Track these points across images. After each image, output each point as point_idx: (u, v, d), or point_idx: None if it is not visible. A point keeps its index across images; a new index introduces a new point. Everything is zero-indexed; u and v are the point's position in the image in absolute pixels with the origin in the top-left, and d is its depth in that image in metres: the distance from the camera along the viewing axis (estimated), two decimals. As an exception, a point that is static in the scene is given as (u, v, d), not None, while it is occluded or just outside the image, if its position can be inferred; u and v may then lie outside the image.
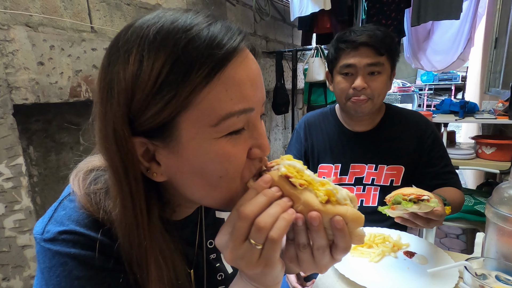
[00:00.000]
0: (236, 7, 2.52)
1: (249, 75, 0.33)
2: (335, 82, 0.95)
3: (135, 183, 0.34)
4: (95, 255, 0.35)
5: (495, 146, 1.69)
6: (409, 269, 0.68)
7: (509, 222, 0.48)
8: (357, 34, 0.88)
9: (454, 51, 3.29)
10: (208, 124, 0.32)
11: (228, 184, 0.35)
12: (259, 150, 0.36)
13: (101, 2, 1.49)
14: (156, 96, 0.31)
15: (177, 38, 0.30)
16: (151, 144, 0.34)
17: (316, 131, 1.06)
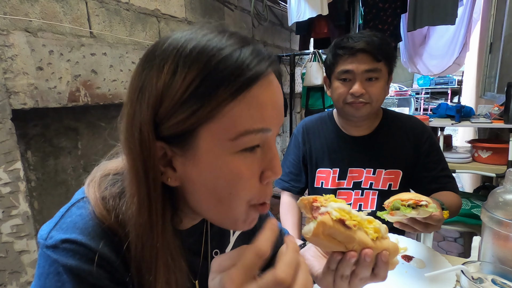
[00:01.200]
0: (234, 12, 2.54)
1: (272, 98, 0.35)
2: (333, 88, 0.95)
3: (154, 184, 0.35)
4: (92, 269, 0.35)
5: (491, 150, 1.71)
6: (407, 273, 0.69)
7: (504, 226, 0.49)
8: (355, 40, 0.88)
9: (449, 55, 3.33)
10: (226, 138, 0.33)
11: (235, 202, 0.36)
12: (271, 173, 0.36)
13: (100, 8, 1.50)
14: (183, 105, 0.33)
15: (211, 55, 0.32)
16: (170, 150, 0.35)
17: (314, 135, 1.06)
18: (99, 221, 0.37)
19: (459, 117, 1.90)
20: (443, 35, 3.29)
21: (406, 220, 0.63)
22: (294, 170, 1.09)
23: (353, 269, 0.40)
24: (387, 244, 0.40)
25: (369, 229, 0.39)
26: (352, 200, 1.00)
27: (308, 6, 2.39)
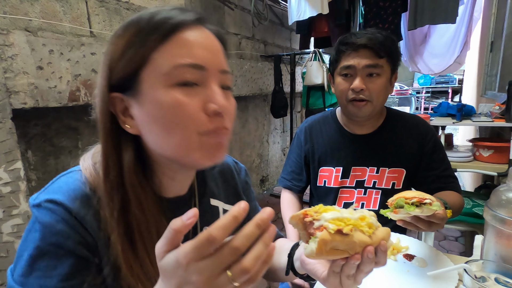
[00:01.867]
0: (234, 11, 2.54)
1: (201, 41, 0.42)
2: (336, 84, 0.95)
3: (109, 129, 0.42)
4: (63, 230, 0.39)
5: (492, 149, 1.70)
6: (409, 272, 0.69)
7: (507, 225, 0.49)
8: (358, 36, 0.89)
9: (450, 54, 3.32)
10: (161, 73, 0.40)
11: (183, 132, 0.41)
12: (213, 105, 0.41)
13: (101, 7, 1.50)
14: (124, 55, 0.41)
15: (142, 18, 0.41)
16: (125, 98, 0.42)
17: (317, 134, 1.06)
18: (85, 185, 0.42)
19: (460, 116, 1.89)
20: (443, 34, 3.28)
21: (409, 218, 0.63)
22: (296, 169, 1.09)
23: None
24: (382, 233, 0.41)
25: (364, 227, 0.39)
26: (355, 199, 0.99)
27: (309, 5, 2.39)
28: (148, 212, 0.42)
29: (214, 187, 0.59)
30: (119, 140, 0.43)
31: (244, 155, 2.96)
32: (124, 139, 0.43)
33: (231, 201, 0.60)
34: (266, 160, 3.45)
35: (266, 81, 3.10)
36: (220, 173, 0.61)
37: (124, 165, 0.42)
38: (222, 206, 0.58)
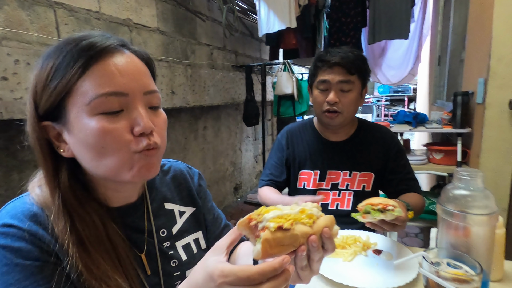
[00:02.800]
0: (206, 23, 2.58)
1: (119, 68, 0.44)
2: (313, 96, 1.06)
3: (43, 155, 0.45)
4: (22, 246, 0.41)
5: (443, 152, 1.91)
6: (378, 265, 0.77)
7: (455, 217, 0.58)
8: (332, 55, 1.00)
9: (405, 66, 3.64)
10: (84, 103, 0.42)
11: (113, 154, 0.44)
12: (138, 127, 0.44)
13: (70, 16, 1.46)
14: (47, 86, 0.42)
15: (62, 49, 0.43)
16: (57, 126, 0.45)
17: (297, 140, 1.14)
18: (33, 205, 0.44)
19: (415, 123, 2.09)
20: (398, 48, 3.61)
21: (375, 221, 0.72)
22: (275, 172, 1.15)
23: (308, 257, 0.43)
24: (324, 221, 0.42)
25: (304, 219, 0.41)
26: (330, 200, 1.09)
27: (278, 19, 2.50)
28: (91, 221, 0.45)
29: (167, 192, 0.61)
30: (53, 162, 0.46)
31: (217, 163, 2.98)
32: (58, 161, 0.46)
33: (186, 203, 0.63)
34: (239, 168, 3.48)
35: (238, 90, 3.16)
36: (172, 179, 0.64)
37: (60, 184, 0.45)
38: (178, 208, 0.61)
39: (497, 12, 1.41)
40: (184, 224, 0.61)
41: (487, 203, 0.56)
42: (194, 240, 0.62)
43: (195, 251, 0.60)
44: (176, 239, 0.58)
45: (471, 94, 1.73)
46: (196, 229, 0.63)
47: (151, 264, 0.53)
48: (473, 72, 1.75)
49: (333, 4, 2.89)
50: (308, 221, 0.41)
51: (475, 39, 1.74)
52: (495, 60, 1.43)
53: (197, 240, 0.62)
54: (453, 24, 2.52)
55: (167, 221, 0.58)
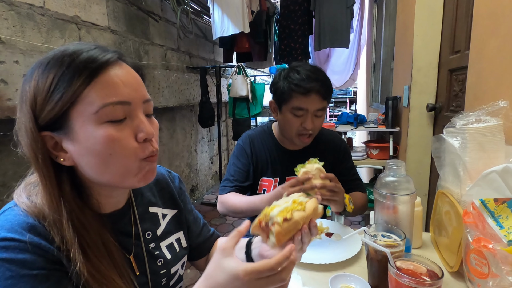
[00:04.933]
0: (159, 23, 2.54)
1: (122, 79, 0.46)
2: (286, 118, 1.07)
3: (45, 165, 0.45)
4: (26, 257, 0.41)
5: (378, 148, 2.20)
6: (330, 245, 0.91)
7: (386, 199, 0.74)
8: (308, 81, 1.00)
9: (346, 72, 4.05)
10: (91, 112, 0.44)
11: (120, 161, 0.46)
12: (142, 133, 0.47)
13: (10, 11, 1.35)
14: (51, 97, 0.43)
15: (63, 59, 0.44)
16: (57, 136, 0.45)
17: (259, 148, 1.18)
18: (28, 217, 0.44)
19: (356, 124, 2.37)
20: (341, 55, 3.99)
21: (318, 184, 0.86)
22: (240, 178, 1.16)
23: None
24: (311, 204, 0.55)
25: (297, 207, 0.54)
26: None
27: (231, 23, 2.58)
28: (91, 229, 0.47)
29: (151, 196, 0.65)
30: (55, 173, 0.46)
31: (173, 165, 2.94)
32: (59, 171, 0.47)
33: (168, 205, 0.68)
34: (195, 169, 3.48)
35: (192, 92, 3.16)
36: (155, 184, 0.67)
37: (64, 195, 0.46)
38: (161, 211, 0.65)
39: (416, 30, 1.70)
40: (167, 226, 0.65)
41: (408, 186, 0.73)
42: (176, 240, 0.66)
43: (177, 250, 0.65)
44: (160, 240, 0.63)
45: (399, 98, 2.04)
46: (177, 229, 0.68)
47: (139, 265, 0.57)
48: (399, 79, 2.06)
49: (282, 12, 3.07)
50: (302, 207, 0.53)
51: (400, 51, 2.05)
52: (416, 71, 1.73)
53: (179, 240, 0.67)
54: (385, 37, 2.89)
55: (152, 224, 0.62)
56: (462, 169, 0.76)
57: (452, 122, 0.80)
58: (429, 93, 1.72)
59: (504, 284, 0.52)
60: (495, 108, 0.74)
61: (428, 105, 1.69)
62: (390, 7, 2.68)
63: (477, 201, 0.63)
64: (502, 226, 0.57)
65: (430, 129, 1.76)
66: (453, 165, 0.80)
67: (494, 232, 0.58)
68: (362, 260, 0.83)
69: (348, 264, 0.81)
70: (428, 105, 1.68)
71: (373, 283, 0.69)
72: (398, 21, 2.11)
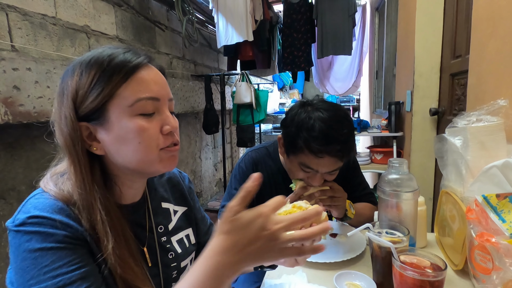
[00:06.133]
0: (165, 32, 2.61)
1: (153, 78, 0.53)
2: (292, 167, 0.93)
3: (81, 153, 0.49)
4: (56, 231, 0.45)
5: (382, 153, 2.21)
6: (335, 245, 0.91)
7: (390, 196, 0.75)
8: (324, 141, 0.82)
9: (349, 79, 4.08)
10: (126, 105, 0.49)
11: (146, 149, 0.51)
12: (168, 126, 0.53)
13: (23, 20, 1.41)
14: (91, 92, 0.49)
15: (103, 60, 0.50)
16: (92, 126, 0.50)
17: (262, 171, 1.05)
18: (57, 201, 0.48)
19: (359, 129, 2.38)
20: (343, 63, 4.03)
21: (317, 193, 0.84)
22: None
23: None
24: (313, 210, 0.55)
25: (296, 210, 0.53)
26: None
27: (235, 32, 2.64)
28: (114, 217, 0.50)
29: (164, 192, 0.68)
30: (88, 161, 0.50)
31: (178, 172, 2.96)
32: (91, 159, 0.51)
33: (179, 203, 0.71)
34: (199, 176, 3.49)
35: (197, 99, 3.21)
36: (168, 181, 0.71)
37: (95, 182, 0.50)
38: (172, 207, 0.69)
39: (417, 36, 1.73)
40: (177, 222, 0.68)
41: (411, 183, 0.74)
42: (186, 236, 0.69)
43: (187, 245, 0.68)
44: (172, 234, 0.66)
45: (401, 103, 2.06)
46: (187, 226, 0.71)
47: (152, 257, 0.59)
48: (402, 85, 2.08)
49: (285, 21, 3.14)
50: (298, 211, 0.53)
51: (402, 57, 2.08)
52: (418, 76, 1.75)
53: (188, 236, 0.70)
54: (386, 44, 2.93)
55: (164, 218, 0.65)
56: (464, 168, 0.77)
57: (454, 122, 0.82)
58: (431, 98, 1.74)
59: (508, 276, 0.52)
60: (495, 107, 0.75)
61: (430, 109, 1.70)
62: (391, 14, 2.73)
63: (479, 197, 0.64)
64: (505, 220, 0.58)
65: (433, 133, 1.77)
66: (455, 164, 0.81)
67: (497, 227, 0.59)
68: (366, 259, 0.83)
69: (353, 262, 0.82)
70: (431, 109, 1.70)
71: (378, 280, 0.70)
72: (400, 28, 2.15)
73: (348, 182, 1.08)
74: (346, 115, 0.89)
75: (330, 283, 0.71)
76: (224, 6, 2.61)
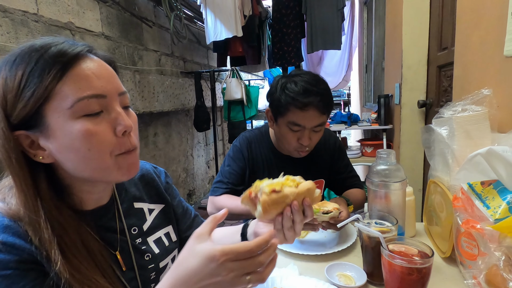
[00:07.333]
0: (152, 29, 2.57)
1: (95, 72, 0.45)
2: (282, 132, 1.01)
3: (19, 166, 0.44)
4: (1, 257, 0.41)
5: (372, 146, 2.24)
6: (326, 237, 0.92)
7: (378, 187, 0.75)
8: (306, 94, 0.93)
9: (339, 74, 4.11)
10: (65, 107, 0.42)
11: (98, 155, 0.45)
12: (120, 126, 0.46)
13: (3, 17, 1.37)
14: (21, 95, 0.41)
15: (31, 56, 0.43)
16: (32, 134, 0.44)
17: (256, 150, 1.13)
18: (3, 218, 0.44)
19: (350, 123, 2.40)
20: (333, 57, 4.05)
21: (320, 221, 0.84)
22: (234, 181, 1.11)
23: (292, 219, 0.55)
24: (306, 184, 0.54)
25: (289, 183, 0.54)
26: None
27: (224, 27, 2.62)
28: (69, 228, 0.46)
29: (136, 191, 0.64)
30: (30, 172, 0.44)
31: (170, 170, 2.94)
32: (35, 170, 0.45)
33: (155, 200, 0.67)
34: (192, 174, 3.47)
35: (187, 96, 3.18)
36: (140, 179, 0.66)
37: (41, 194, 0.44)
38: (147, 206, 0.64)
39: (404, 30, 1.75)
40: (154, 221, 0.64)
41: (398, 173, 0.75)
42: (165, 234, 0.66)
43: (167, 244, 0.64)
44: (147, 235, 0.62)
45: (390, 96, 2.08)
46: (166, 224, 0.67)
47: (125, 260, 0.55)
48: (391, 78, 2.10)
49: (275, 16, 3.12)
50: (294, 184, 0.53)
51: (391, 51, 2.10)
52: (406, 68, 1.77)
53: (168, 234, 0.66)
54: (375, 38, 2.95)
55: (138, 219, 0.61)
56: (450, 157, 0.78)
57: (440, 112, 0.83)
58: (419, 90, 1.76)
59: (492, 261, 0.53)
60: (480, 96, 0.77)
61: (419, 102, 1.72)
62: (379, 8, 2.74)
63: (465, 185, 0.65)
64: (489, 206, 0.59)
65: (421, 125, 1.79)
66: (442, 154, 0.82)
67: (482, 214, 0.60)
68: (357, 250, 0.84)
69: (343, 254, 0.83)
70: (419, 102, 1.72)
71: (368, 270, 0.71)
72: (387, 21, 2.17)
73: (335, 163, 1.17)
74: (322, 78, 1.02)
75: (321, 275, 0.71)
76: (212, 1, 2.58)
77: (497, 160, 0.61)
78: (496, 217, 0.56)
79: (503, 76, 0.80)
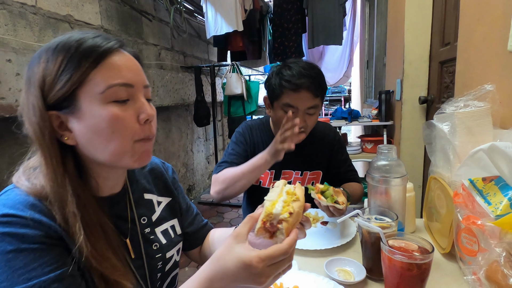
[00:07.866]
0: (152, 23, 2.54)
1: (125, 64, 0.50)
2: (277, 114, 1.06)
3: (51, 144, 0.47)
4: (28, 232, 0.43)
5: (373, 142, 2.23)
6: (326, 232, 0.92)
7: (379, 182, 0.75)
8: (298, 77, 0.98)
9: (340, 69, 4.08)
10: (97, 92, 0.47)
11: (120, 139, 0.48)
12: (144, 114, 0.50)
13: (1, 10, 1.35)
14: (59, 78, 0.46)
15: (71, 45, 0.47)
16: (63, 115, 0.48)
17: (257, 138, 1.18)
18: (29, 196, 0.46)
19: (350, 118, 2.39)
20: (334, 53, 4.02)
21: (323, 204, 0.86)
22: (238, 163, 1.10)
23: None
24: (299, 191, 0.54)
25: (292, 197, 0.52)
26: None
27: (225, 22, 2.60)
28: (90, 209, 0.48)
29: (146, 183, 0.67)
30: (59, 152, 0.48)
31: (169, 165, 2.94)
32: (63, 150, 0.48)
33: (163, 193, 0.69)
34: (191, 169, 3.47)
35: (187, 91, 3.16)
36: (150, 172, 0.69)
37: (68, 173, 0.48)
38: (156, 198, 0.67)
39: (407, 25, 1.73)
40: (161, 213, 0.67)
41: (399, 169, 0.75)
42: (171, 226, 0.68)
43: (172, 236, 0.67)
44: (156, 225, 0.64)
45: (391, 92, 2.06)
46: (172, 216, 0.70)
47: (135, 248, 0.58)
48: (392, 74, 2.09)
49: (276, 10, 3.10)
50: (295, 197, 0.53)
51: (392, 46, 2.08)
52: (407, 64, 1.75)
53: (173, 227, 0.69)
54: (377, 33, 2.93)
55: (147, 210, 0.64)
56: (452, 153, 0.78)
57: (442, 108, 0.82)
58: (421, 86, 1.75)
59: (493, 257, 0.53)
60: (482, 92, 0.76)
61: (420, 98, 1.71)
62: (381, 4, 2.71)
63: (466, 181, 0.65)
64: (490, 202, 0.59)
65: (422, 121, 1.78)
66: (443, 150, 0.82)
67: (482, 210, 0.60)
68: (356, 246, 0.84)
69: (343, 249, 0.83)
70: (420, 98, 1.71)
71: (367, 265, 0.71)
72: (389, 16, 2.14)
73: (334, 157, 1.21)
74: (316, 66, 1.07)
75: (321, 270, 0.71)
76: (213, -5, 2.55)
77: (500, 156, 0.60)
78: (497, 213, 0.56)
79: (506, 71, 0.79)
